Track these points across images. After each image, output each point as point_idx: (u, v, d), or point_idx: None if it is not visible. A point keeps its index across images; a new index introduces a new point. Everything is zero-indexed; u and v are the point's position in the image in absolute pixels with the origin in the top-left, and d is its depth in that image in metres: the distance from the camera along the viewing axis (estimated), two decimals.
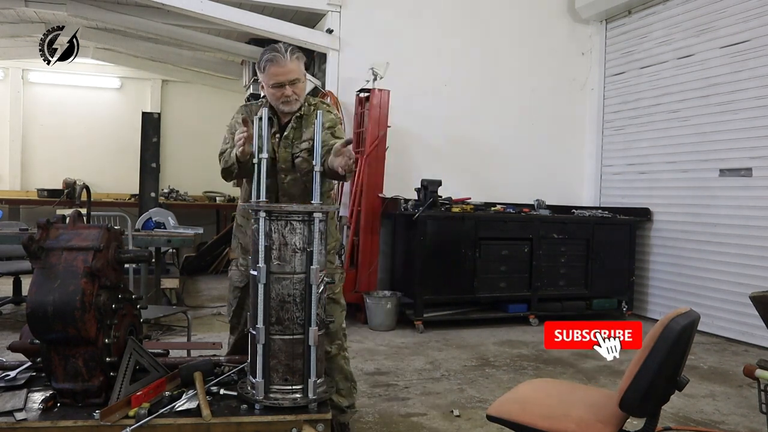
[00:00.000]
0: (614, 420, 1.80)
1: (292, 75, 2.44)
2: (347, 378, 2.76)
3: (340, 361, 2.72)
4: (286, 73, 2.43)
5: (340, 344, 2.72)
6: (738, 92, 5.21)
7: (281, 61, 2.41)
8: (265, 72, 2.46)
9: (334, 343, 2.68)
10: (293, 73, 2.45)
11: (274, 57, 2.42)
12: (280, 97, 2.47)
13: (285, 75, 2.43)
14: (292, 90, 2.46)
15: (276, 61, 2.42)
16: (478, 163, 6.45)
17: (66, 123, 9.16)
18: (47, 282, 2.04)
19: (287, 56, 2.42)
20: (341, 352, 2.73)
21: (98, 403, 2.04)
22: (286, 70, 2.43)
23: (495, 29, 6.49)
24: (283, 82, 2.44)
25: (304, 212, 2.13)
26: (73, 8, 6.12)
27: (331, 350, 2.66)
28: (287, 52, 2.43)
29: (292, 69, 2.44)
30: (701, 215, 5.54)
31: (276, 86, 2.45)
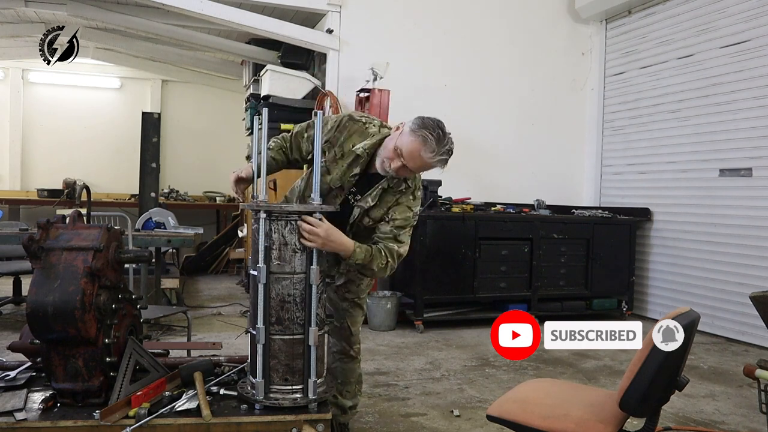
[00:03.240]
0: (614, 420, 1.80)
1: (415, 166, 2.20)
2: (357, 380, 2.77)
3: (356, 364, 2.72)
4: (417, 161, 2.18)
5: (359, 348, 2.71)
6: (738, 92, 5.21)
7: (427, 151, 2.15)
8: (411, 135, 2.17)
9: (355, 346, 2.67)
10: (418, 167, 2.22)
11: (428, 140, 2.14)
12: (389, 159, 2.21)
13: (413, 161, 2.18)
14: (399, 170, 2.22)
15: (427, 145, 2.15)
16: (478, 163, 6.44)
17: (66, 123, 9.15)
18: (47, 282, 2.04)
19: (436, 155, 2.16)
20: (359, 356, 2.73)
21: (98, 403, 2.03)
22: (420, 159, 2.17)
23: (495, 29, 6.49)
24: (405, 162, 2.19)
25: (304, 212, 2.13)
26: (73, 8, 6.11)
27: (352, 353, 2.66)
28: (441, 153, 2.17)
29: (423, 164, 2.20)
30: (701, 215, 5.54)
31: (398, 153, 2.19)
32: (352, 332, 2.64)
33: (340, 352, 2.67)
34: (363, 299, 2.65)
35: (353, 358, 2.68)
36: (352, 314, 2.62)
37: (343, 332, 2.63)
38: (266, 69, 6.19)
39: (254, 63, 7.13)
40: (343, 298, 2.59)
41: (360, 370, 2.79)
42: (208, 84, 9.60)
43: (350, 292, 2.58)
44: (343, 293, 2.58)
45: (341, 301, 2.59)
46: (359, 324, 2.69)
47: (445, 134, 2.20)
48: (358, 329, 2.69)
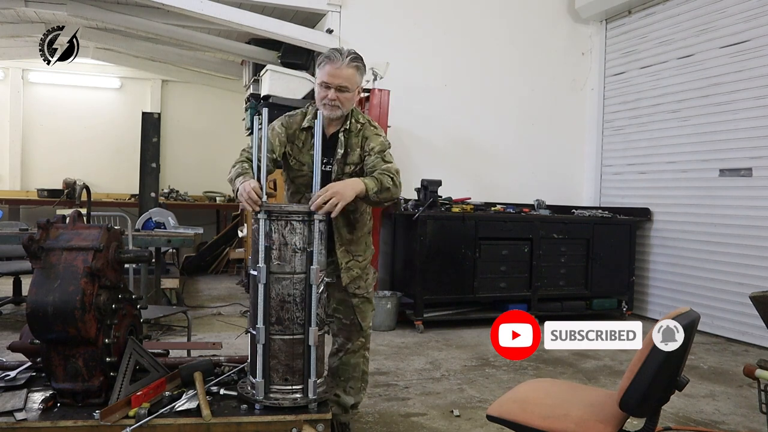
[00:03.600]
0: (614, 420, 1.79)
1: (341, 80, 2.39)
2: (360, 378, 2.75)
3: (360, 359, 2.72)
4: (336, 75, 2.39)
5: (363, 342, 2.71)
6: (738, 92, 5.21)
7: (336, 63, 2.38)
8: (319, 69, 2.44)
9: (358, 340, 2.68)
10: (343, 79, 2.40)
11: (331, 55, 2.40)
12: (323, 98, 2.42)
13: (335, 78, 2.39)
14: (337, 95, 2.40)
15: (332, 60, 2.39)
16: (478, 163, 6.45)
17: (66, 123, 9.15)
18: (47, 282, 2.04)
19: (344, 60, 2.39)
20: (361, 350, 2.72)
21: (98, 403, 2.04)
22: (337, 72, 2.38)
23: (495, 29, 6.49)
24: (331, 84, 2.39)
25: (304, 212, 2.14)
26: (73, 8, 6.11)
27: (351, 346, 2.66)
28: (347, 56, 2.40)
29: (345, 75, 2.39)
30: (701, 215, 5.54)
31: (323, 86, 2.41)
32: (362, 327, 2.65)
33: (340, 347, 2.68)
34: (371, 293, 2.69)
35: (353, 351, 2.68)
36: (362, 310, 2.64)
37: (353, 328, 2.63)
38: (266, 69, 6.19)
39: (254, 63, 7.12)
40: (353, 295, 2.60)
41: (364, 367, 2.76)
42: (208, 84, 9.60)
43: (360, 288, 2.61)
44: (354, 289, 2.59)
45: (351, 298, 2.60)
46: (369, 320, 2.69)
47: (340, 48, 2.49)
48: (369, 325, 2.70)
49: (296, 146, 2.54)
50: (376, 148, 2.48)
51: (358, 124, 2.55)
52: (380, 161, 2.45)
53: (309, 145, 2.49)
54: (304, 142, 2.52)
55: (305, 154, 2.51)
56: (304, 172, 2.51)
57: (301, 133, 2.52)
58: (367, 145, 2.50)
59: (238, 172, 2.32)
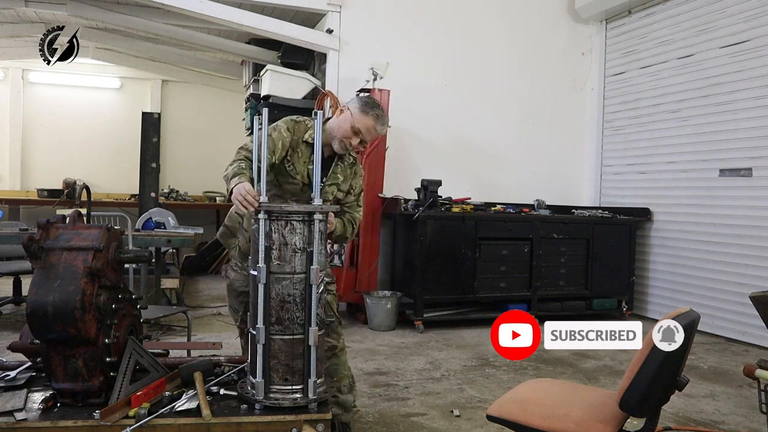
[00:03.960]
0: (614, 420, 1.79)
1: (372, 138, 2.62)
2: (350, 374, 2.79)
3: (345, 356, 2.76)
4: (374, 135, 2.61)
5: (344, 340, 2.77)
6: (738, 92, 5.21)
7: (380, 125, 2.58)
8: (363, 115, 2.54)
9: (342, 336, 2.72)
10: (373, 137, 2.64)
11: (381, 116, 2.56)
12: (347, 138, 2.55)
13: (371, 135, 2.58)
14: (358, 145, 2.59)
15: (381, 122, 2.57)
16: (478, 163, 6.45)
17: (66, 123, 9.15)
18: (47, 282, 2.04)
19: (385, 125, 2.62)
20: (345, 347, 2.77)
21: (98, 403, 2.04)
22: (375, 133, 2.60)
23: (495, 29, 6.49)
24: (364, 137, 2.56)
25: (304, 212, 2.14)
26: (73, 8, 6.12)
27: (338, 345, 2.69)
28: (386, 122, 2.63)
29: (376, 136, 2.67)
30: (701, 215, 5.54)
31: (354, 131, 2.54)
32: (341, 322, 2.72)
33: (331, 349, 2.68)
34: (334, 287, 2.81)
35: (342, 349, 2.71)
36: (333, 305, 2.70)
37: (332, 324, 2.66)
38: (266, 69, 6.19)
39: (254, 63, 7.13)
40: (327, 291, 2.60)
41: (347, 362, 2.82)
42: (208, 84, 9.60)
43: (331, 284, 2.68)
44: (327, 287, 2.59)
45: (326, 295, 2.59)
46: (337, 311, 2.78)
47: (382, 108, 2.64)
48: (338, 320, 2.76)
49: (297, 154, 2.59)
50: (356, 190, 2.74)
51: (351, 158, 2.74)
52: (356, 205, 2.73)
53: (308, 158, 2.58)
54: (303, 153, 2.59)
55: (303, 166, 2.59)
56: (296, 181, 2.59)
57: (303, 144, 2.59)
58: (355, 183, 2.74)
59: (234, 171, 2.31)
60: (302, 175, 2.58)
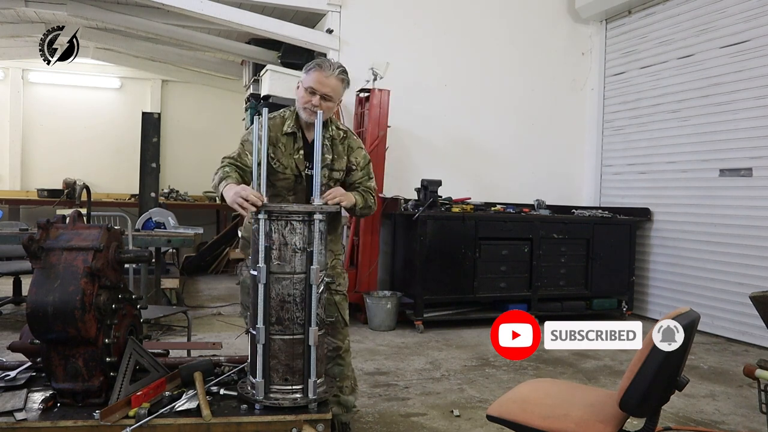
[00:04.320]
0: (614, 420, 1.79)
1: (327, 89, 2.50)
2: (353, 375, 2.81)
3: (350, 358, 2.77)
4: (324, 84, 2.49)
5: (349, 340, 2.77)
6: (738, 92, 5.21)
7: (326, 71, 2.49)
8: (307, 74, 2.53)
9: (347, 338, 2.72)
10: (330, 89, 2.50)
11: (322, 64, 2.51)
12: (306, 102, 2.50)
13: (322, 86, 2.49)
14: (320, 102, 2.49)
15: (322, 68, 2.50)
16: (478, 163, 6.45)
17: (66, 123, 9.16)
18: (47, 282, 2.04)
19: (334, 71, 2.51)
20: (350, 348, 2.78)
21: (98, 403, 2.04)
22: (326, 81, 2.49)
23: (495, 29, 6.49)
24: (317, 90, 2.48)
25: (304, 212, 2.14)
26: (73, 8, 6.12)
27: (343, 346, 2.69)
28: (337, 68, 2.52)
29: (331, 84, 2.50)
30: (701, 215, 5.54)
31: (309, 91, 2.50)
32: (347, 323, 2.70)
33: (336, 350, 2.68)
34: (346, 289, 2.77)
35: (346, 351, 2.71)
36: (344, 307, 2.69)
37: (338, 325, 2.65)
38: (266, 69, 6.19)
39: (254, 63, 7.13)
40: (336, 292, 2.64)
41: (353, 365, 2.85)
42: (208, 84, 9.60)
43: (340, 285, 2.67)
44: (335, 287, 2.63)
45: (334, 295, 2.64)
46: (347, 314, 2.75)
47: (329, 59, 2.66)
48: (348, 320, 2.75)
49: (279, 149, 2.57)
50: (361, 163, 2.66)
51: (341, 132, 2.65)
52: (366, 178, 2.66)
53: (292, 149, 2.57)
54: (286, 145, 2.57)
55: (289, 158, 2.57)
56: (287, 175, 2.57)
57: (283, 137, 2.58)
58: (354, 158, 2.65)
59: (220, 177, 2.41)
60: (291, 168, 2.56)
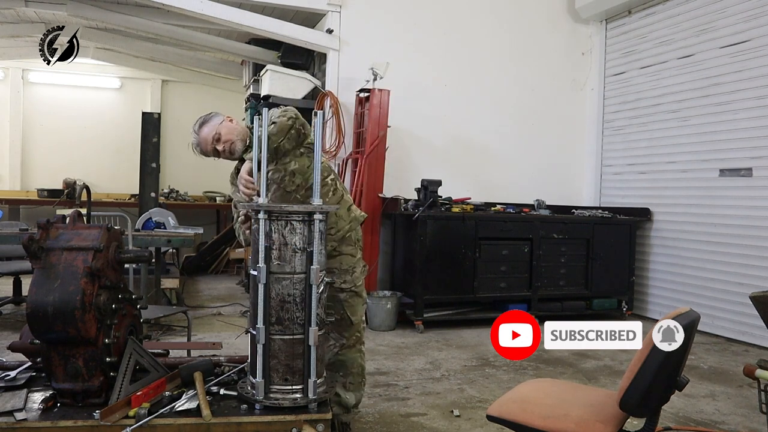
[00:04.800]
0: (614, 420, 1.79)
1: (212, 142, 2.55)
2: (359, 373, 2.76)
3: (356, 353, 2.73)
4: (205, 144, 2.56)
5: (358, 337, 2.73)
6: (738, 92, 5.21)
7: (195, 142, 2.58)
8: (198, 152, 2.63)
9: (353, 335, 2.70)
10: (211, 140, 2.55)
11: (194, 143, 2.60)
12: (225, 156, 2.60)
13: (207, 144, 2.56)
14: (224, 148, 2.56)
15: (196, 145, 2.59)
16: (478, 163, 6.45)
17: (66, 123, 9.16)
18: (47, 282, 2.04)
19: (195, 132, 2.57)
20: (357, 345, 2.74)
21: (98, 403, 2.04)
22: (203, 144, 2.57)
23: (495, 29, 6.49)
24: (214, 149, 2.56)
25: (304, 212, 2.14)
26: (73, 8, 6.12)
27: (345, 341, 2.67)
28: (193, 130, 2.58)
29: (206, 137, 2.56)
30: (701, 215, 5.54)
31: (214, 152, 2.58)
32: (352, 322, 2.66)
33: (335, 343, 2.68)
34: (361, 287, 2.71)
35: (350, 346, 2.69)
36: (351, 304, 2.65)
37: (343, 323, 2.64)
38: (266, 69, 6.19)
39: (254, 63, 7.13)
40: (341, 289, 2.62)
41: (362, 362, 2.78)
42: (208, 84, 9.60)
43: (346, 282, 2.63)
44: (340, 284, 2.61)
45: (339, 293, 2.62)
46: (360, 314, 2.71)
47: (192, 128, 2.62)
48: (360, 319, 2.71)
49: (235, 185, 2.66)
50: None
51: None
52: None
53: None
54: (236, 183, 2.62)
55: None
56: None
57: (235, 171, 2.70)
58: None
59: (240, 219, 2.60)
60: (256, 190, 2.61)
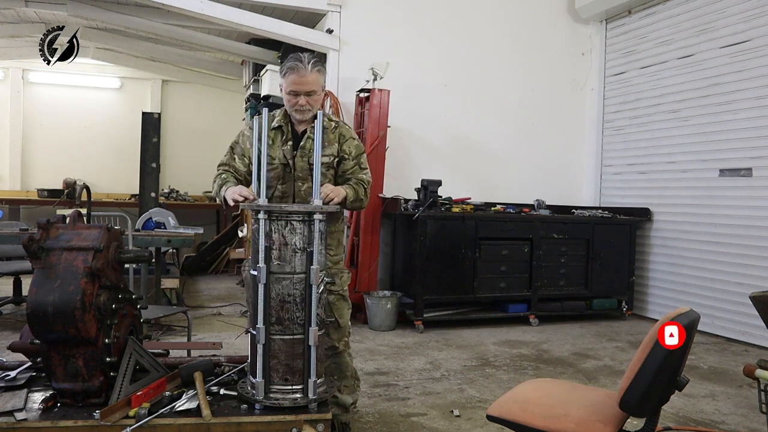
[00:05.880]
0: (614, 420, 1.79)
1: (308, 86, 2.53)
2: (353, 376, 2.82)
3: (347, 357, 2.79)
4: (303, 83, 2.52)
5: (347, 341, 2.78)
6: (738, 92, 5.21)
7: (301, 71, 2.51)
8: (284, 78, 2.56)
9: (342, 339, 2.74)
10: (310, 85, 2.53)
11: (295, 66, 2.51)
12: (294, 104, 2.56)
13: (302, 85, 2.52)
14: (307, 100, 2.54)
15: (296, 70, 2.51)
16: (478, 163, 6.45)
17: (66, 123, 9.16)
18: (47, 282, 2.04)
19: (308, 68, 2.51)
20: (347, 349, 2.79)
21: (98, 403, 2.04)
22: (304, 80, 2.52)
23: (495, 29, 6.49)
24: (299, 91, 2.53)
25: (304, 212, 2.14)
26: (73, 8, 6.12)
27: (338, 346, 2.71)
28: (309, 63, 2.52)
29: (310, 81, 2.53)
30: (701, 215, 5.54)
31: (292, 94, 2.55)
32: (339, 324, 2.71)
33: (331, 348, 2.71)
34: (346, 291, 2.78)
35: (340, 351, 2.73)
36: (338, 307, 2.71)
37: (331, 326, 2.67)
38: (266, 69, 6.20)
39: (254, 63, 7.13)
40: (330, 291, 2.65)
41: (353, 365, 2.85)
42: (208, 84, 9.60)
43: (335, 285, 2.67)
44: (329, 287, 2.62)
45: (328, 295, 2.64)
46: (347, 317, 2.76)
47: (300, 54, 2.57)
48: (347, 322, 2.75)
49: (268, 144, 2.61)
50: (353, 153, 2.67)
51: (332, 122, 2.69)
52: (358, 168, 2.66)
53: (279, 142, 2.64)
54: (274, 139, 2.64)
55: (275, 150, 2.63)
56: (274, 165, 2.62)
57: (271, 131, 2.62)
58: (346, 147, 2.66)
59: (219, 184, 2.58)
60: (279, 158, 2.62)
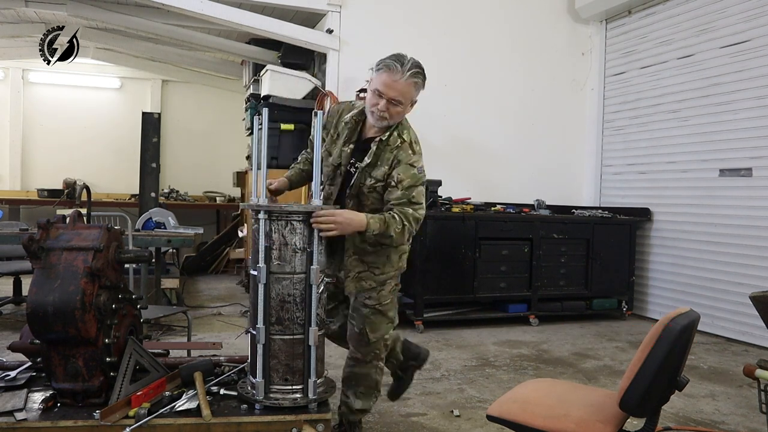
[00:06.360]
0: (614, 420, 1.79)
1: (395, 93, 2.30)
2: (372, 386, 2.61)
3: (371, 369, 2.57)
4: (391, 87, 2.29)
5: (377, 354, 2.55)
6: (738, 92, 5.21)
7: (395, 74, 2.29)
8: (375, 73, 2.35)
9: (371, 352, 2.52)
10: (398, 92, 2.30)
11: (392, 66, 2.31)
12: (374, 105, 2.34)
13: (389, 89, 2.29)
14: (387, 107, 2.31)
15: (391, 70, 2.30)
16: (478, 163, 6.45)
17: (66, 123, 9.15)
18: (47, 282, 2.04)
19: (405, 73, 2.29)
20: (374, 361, 2.56)
21: (98, 403, 2.04)
22: (394, 85, 2.29)
23: (495, 29, 6.49)
24: (384, 94, 2.30)
25: (304, 212, 2.14)
26: (73, 8, 6.11)
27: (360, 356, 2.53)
28: (408, 70, 2.30)
29: (400, 88, 2.30)
30: (701, 215, 5.54)
31: (376, 93, 2.33)
32: (369, 340, 2.48)
33: (351, 357, 2.58)
34: (387, 306, 2.50)
35: (363, 362, 2.54)
36: (372, 321, 2.47)
37: (361, 338, 2.49)
38: (266, 69, 6.19)
39: (254, 63, 7.12)
40: (363, 304, 2.46)
41: (377, 377, 2.61)
42: (208, 84, 9.60)
43: (371, 299, 2.46)
44: (363, 299, 2.46)
45: (362, 307, 2.47)
46: (381, 333, 2.50)
47: (403, 56, 2.35)
48: (380, 337, 2.51)
49: (331, 135, 2.53)
50: (405, 182, 2.33)
51: (399, 140, 2.41)
52: (406, 202, 2.32)
53: (344, 139, 2.47)
54: (340, 134, 2.48)
55: (336, 147, 2.48)
56: (327, 163, 2.49)
57: (340, 123, 2.50)
58: (397, 172, 2.35)
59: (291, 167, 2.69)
60: (334, 158, 2.47)
